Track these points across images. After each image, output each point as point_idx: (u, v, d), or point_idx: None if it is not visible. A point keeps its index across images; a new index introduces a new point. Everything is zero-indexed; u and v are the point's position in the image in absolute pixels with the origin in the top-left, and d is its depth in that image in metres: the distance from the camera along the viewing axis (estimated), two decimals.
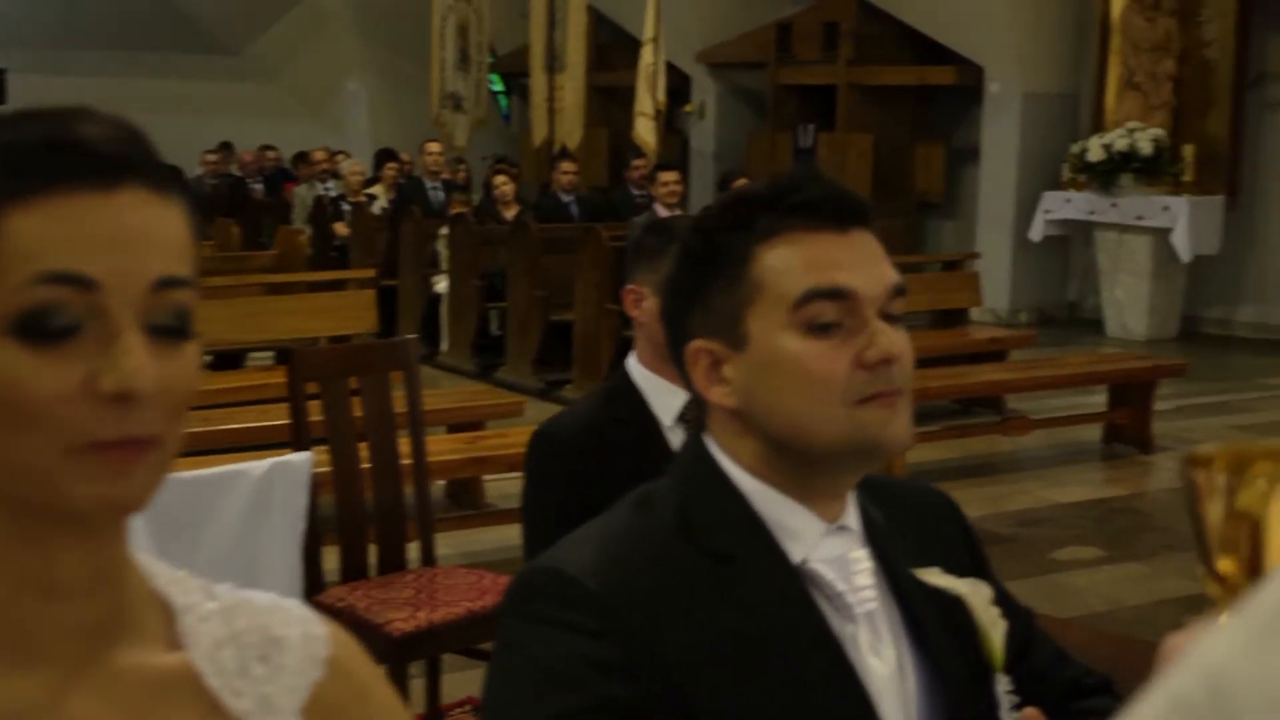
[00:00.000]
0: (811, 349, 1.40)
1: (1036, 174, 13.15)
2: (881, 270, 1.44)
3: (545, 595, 1.37)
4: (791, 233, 1.43)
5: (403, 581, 3.99)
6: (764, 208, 1.44)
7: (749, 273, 1.43)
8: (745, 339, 1.43)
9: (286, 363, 3.94)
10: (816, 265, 1.41)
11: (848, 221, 1.44)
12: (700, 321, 1.46)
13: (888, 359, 1.40)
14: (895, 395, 1.42)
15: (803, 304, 1.40)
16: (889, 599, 1.49)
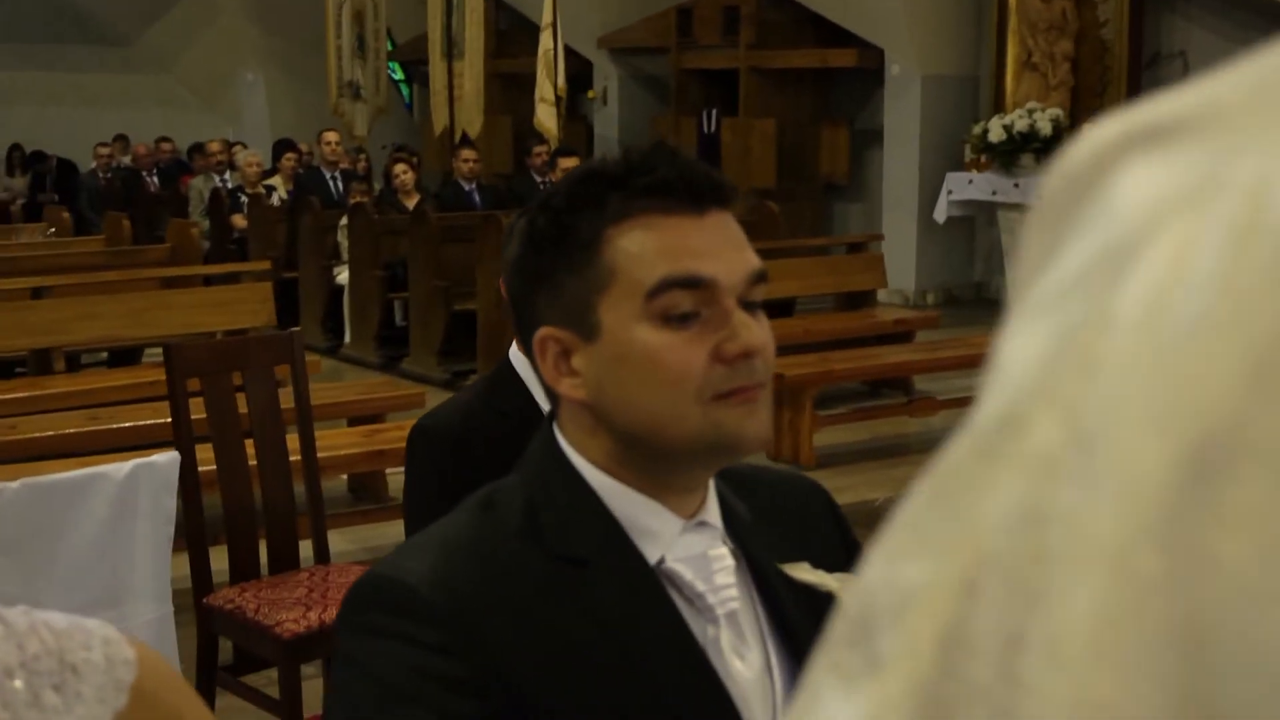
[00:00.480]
0: (667, 341, 1.32)
1: (939, 155, 13.20)
2: (741, 256, 1.36)
3: (381, 607, 1.27)
4: (645, 215, 1.34)
5: (295, 580, 3.88)
6: (615, 187, 1.35)
7: (600, 257, 1.34)
8: (597, 329, 1.35)
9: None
10: (672, 252, 1.33)
11: (705, 203, 1.35)
12: (548, 308, 1.38)
13: (748, 352, 1.32)
14: (755, 390, 1.34)
15: (658, 293, 1.32)
16: (754, 598, 1.42)
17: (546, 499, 1.36)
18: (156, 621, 2.77)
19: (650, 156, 1.36)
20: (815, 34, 14.46)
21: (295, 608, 3.66)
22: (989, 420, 0.44)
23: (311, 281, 11.17)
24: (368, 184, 12.79)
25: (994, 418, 0.43)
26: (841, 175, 14.97)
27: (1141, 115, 0.46)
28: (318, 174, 12.43)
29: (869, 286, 9.97)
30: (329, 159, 12.40)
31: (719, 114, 15.12)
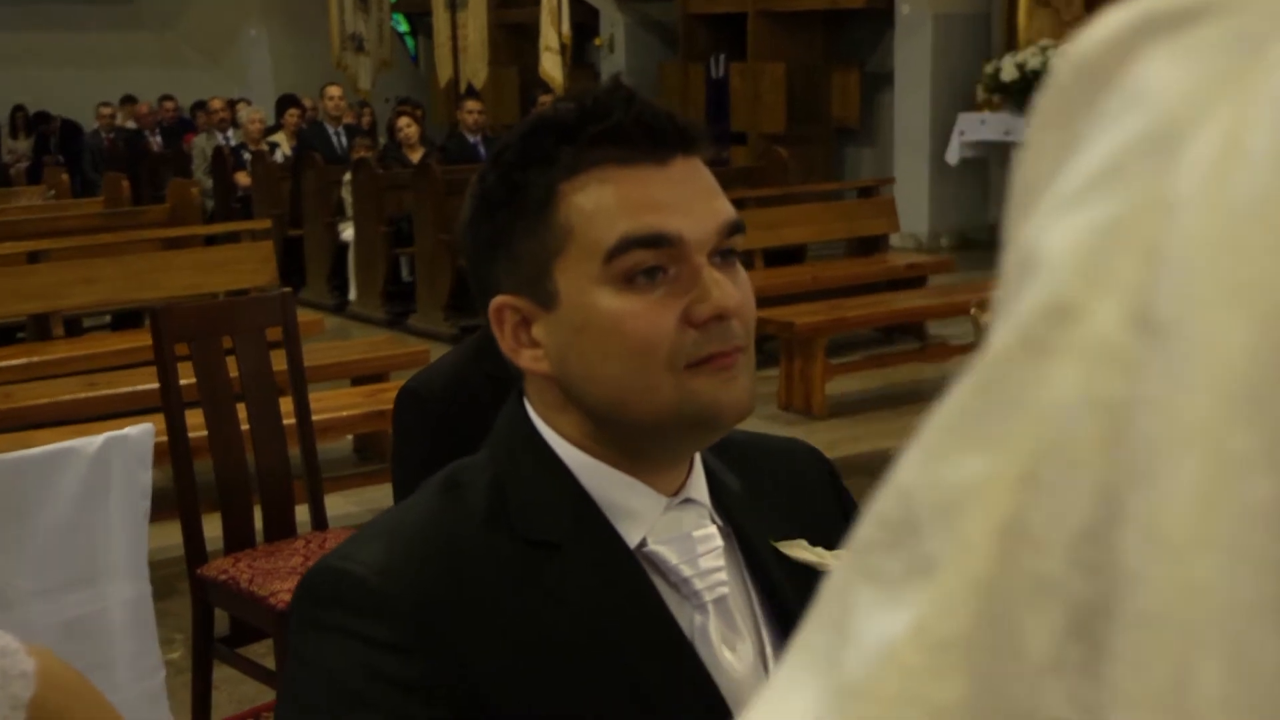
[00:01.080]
0: (630, 306, 1.18)
1: (951, 96, 13.00)
2: (711, 206, 1.22)
3: (332, 601, 1.15)
4: (601, 167, 1.20)
5: (291, 549, 3.78)
6: (567, 138, 1.20)
7: (554, 217, 1.20)
8: (555, 296, 1.21)
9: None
10: (632, 206, 1.18)
11: (668, 150, 1.21)
12: (505, 274, 1.24)
13: (721, 314, 1.19)
14: (733, 355, 1.20)
15: (618, 253, 1.18)
16: (746, 580, 1.29)
17: (515, 478, 1.23)
18: (134, 600, 2.67)
19: (605, 100, 1.21)
20: None
21: (290, 577, 3.55)
22: (1033, 312, 0.43)
23: (316, 239, 11.06)
24: (372, 138, 12.65)
25: (1039, 309, 0.43)
26: (852, 119, 14.78)
27: (1153, 2, 0.46)
28: (321, 129, 12.29)
29: (881, 231, 9.82)
30: (332, 114, 12.26)
31: (727, 59, 14.93)
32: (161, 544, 4.63)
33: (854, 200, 10.42)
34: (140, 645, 2.69)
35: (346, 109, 12.66)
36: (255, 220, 9.93)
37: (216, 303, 4.57)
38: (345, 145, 12.00)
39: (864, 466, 6.36)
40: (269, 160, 11.95)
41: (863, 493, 1.49)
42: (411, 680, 1.11)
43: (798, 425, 7.10)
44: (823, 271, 9.19)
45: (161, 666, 2.81)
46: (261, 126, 12.83)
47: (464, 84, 13.44)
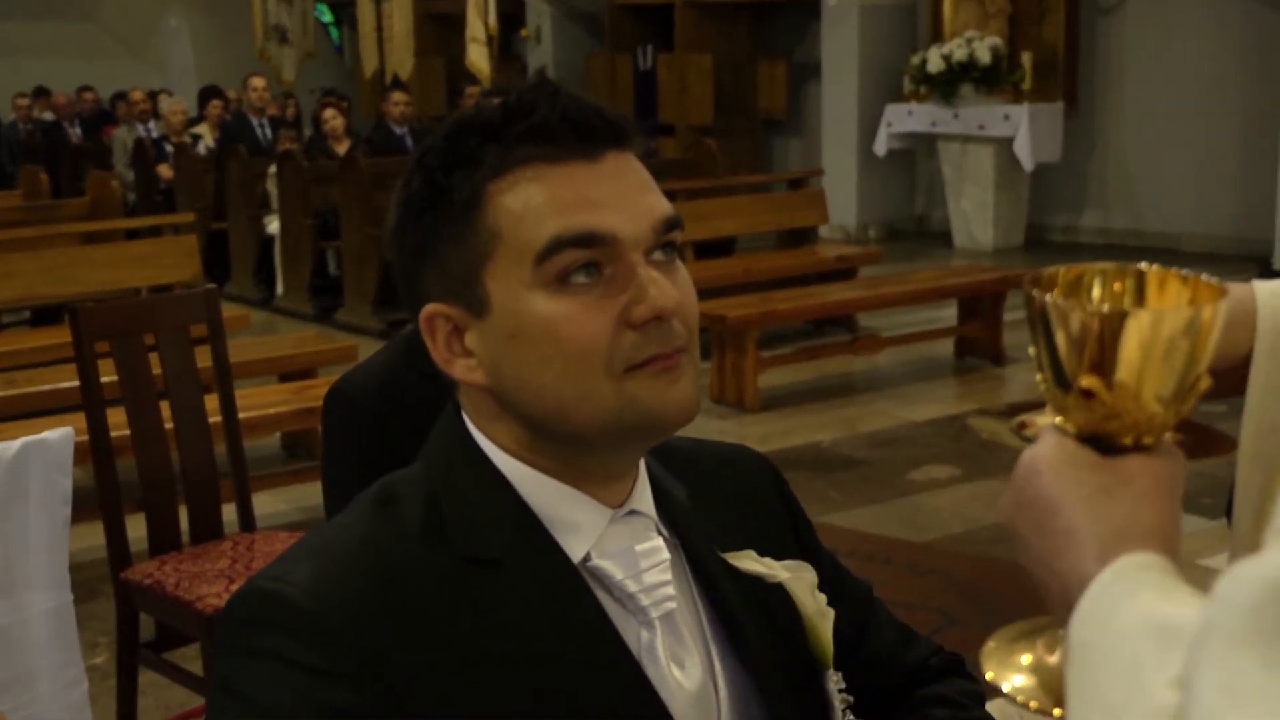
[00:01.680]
0: (564, 310, 1.12)
1: (878, 87, 13.04)
2: (646, 203, 1.16)
3: (262, 624, 1.09)
4: (528, 166, 1.14)
5: (218, 551, 3.69)
6: (491, 137, 1.15)
7: (482, 220, 1.14)
8: (486, 302, 1.15)
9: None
10: (562, 205, 1.13)
11: (598, 145, 1.15)
12: (434, 281, 1.18)
13: (659, 314, 1.13)
14: (674, 356, 1.15)
15: (549, 255, 1.12)
16: (694, 594, 1.25)
17: (452, 492, 1.18)
18: (54, 610, 2.58)
19: (529, 97, 1.15)
20: None
21: (217, 580, 3.47)
22: None
23: (241, 232, 10.91)
24: (296, 130, 12.49)
25: None
26: (780, 110, 14.80)
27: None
28: (245, 121, 12.12)
29: (810, 223, 9.82)
30: (256, 105, 12.09)
31: (655, 50, 14.89)
32: (84, 545, 4.53)
33: (784, 192, 10.42)
34: (62, 656, 2.61)
35: (270, 100, 12.49)
36: (178, 214, 9.77)
37: (138, 300, 4.46)
38: (269, 137, 11.84)
39: (796, 459, 6.35)
40: (192, 152, 11.77)
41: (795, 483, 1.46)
42: (345, 706, 1.05)
43: (730, 418, 7.08)
44: (753, 264, 9.18)
45: (84, 678, 2.73)
46: (184, 118, 12.63)
47: (389, 75, 13.31)
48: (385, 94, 11.89)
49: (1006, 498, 0.94)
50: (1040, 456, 0.92)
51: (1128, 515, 0.87)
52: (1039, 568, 0.90)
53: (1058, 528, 0.89)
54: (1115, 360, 0.89)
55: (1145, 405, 0.90)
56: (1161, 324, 0.88)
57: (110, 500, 3.61)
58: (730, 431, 6.79)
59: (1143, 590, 0.81)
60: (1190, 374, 0.91)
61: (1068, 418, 0.93)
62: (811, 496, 5.72)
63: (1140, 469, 0.90)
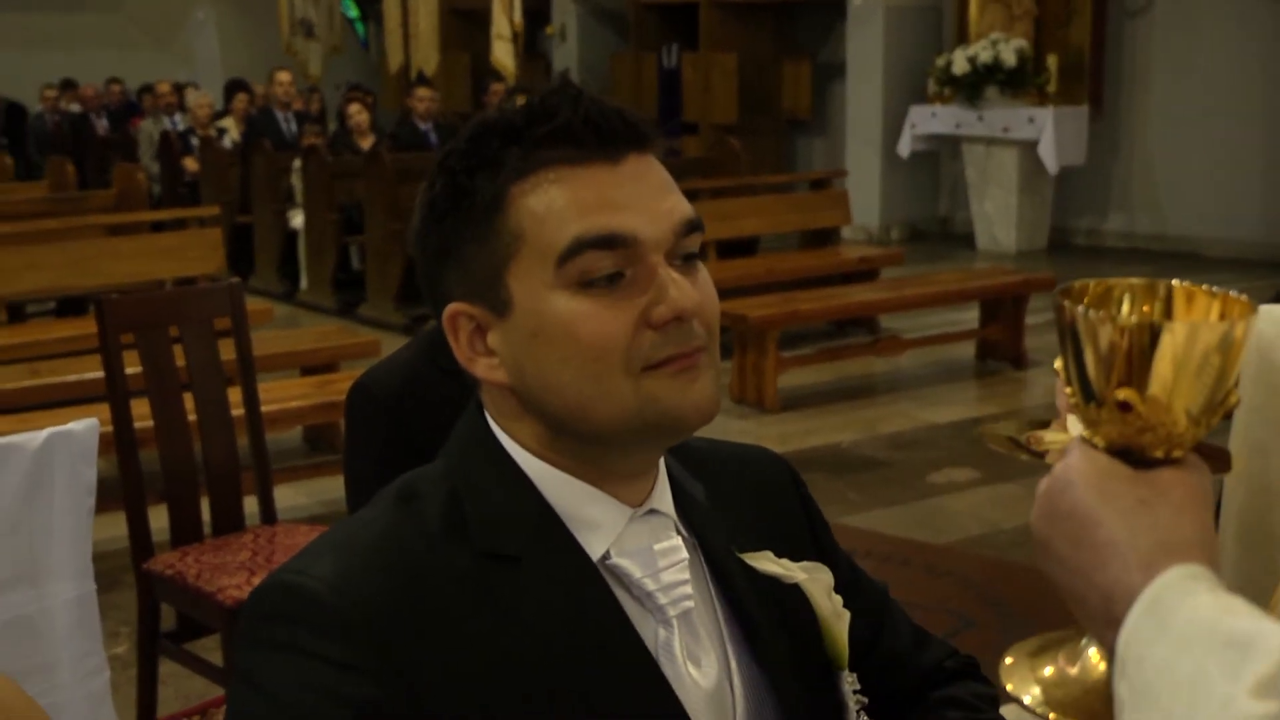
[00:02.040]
0: (585, 310, 1.14)
1: (903, 88, 13.03)
2: (667, 205, 1.17)
3: (282, 617, 1.10)
4: (550, 168, 1.15)
5: (239, 543, 3.72)
6: (514, 139, 1.16)
7: (504, 221, 1.16)
8: (508, 303, 1.17)
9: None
10: (584, 207, 1.14)
11: (619, 148, 1.17)
12: (457, 281, 1.20)
13: (679, 315, 1.15)
14: (694, 356, 1.16)
15: (571, 256, 1.13)
16: (712, 593, 1.26)
17: (473, 489, 1.19)
18: (77, 600, 2.60)
19: (551, 100, 1.17)
20: None
21: (238, 572, 3.50)
22: None
23: (266, 226, 10.95)
24: (321, 124, 12.53)
25: None
26: (804, 110, 14.79)
27: None
28: (270, 115, 12.16)
29: (833, 223, 9.82)
30: (282, 100, 12.13)
31: (679, 49, 14.89)
32: (107, 535, 4.56)
33: (807, 192, 10.42)
34: (84, 646, 2.63)
35: (296, 95, 12.54)
36: (203, 207, 9.81)
37: (163, 293, 4.49)
38: (295, 131, 11.88)
39: (816, 460, 6.36)
40: (217, 146, 11.81)
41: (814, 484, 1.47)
42: (365, 700, 1.06)
43: (750, 418, 7.09)
44: (776, 264, 9.19)
45: (105, 667, 2.75)
46: (210, 111, 12.69)
47: (415, 71, 13.34)
48: (410, 89, 11.92)
49: (1038, 510, 0.94)
50: (1074, 468, 0.93)
51: (1169, 527, 0.87)
52: (1076, 580, 0.90)
53: (1098, 540, 0.89)
54: (1149, 373, 0.89)
55: (1178, 418, 0.91)
56: (1196, 337, 0.89)
57: (133, 491, 3.63)
58: (750, 431, 6.80)
59: (1196, 601, 0.81)
60: (1221, 388, 0.91)
61: (1097, 431, 0.93)
62: (831, 497, 5.72)
63: (1175, 481, 0.91)
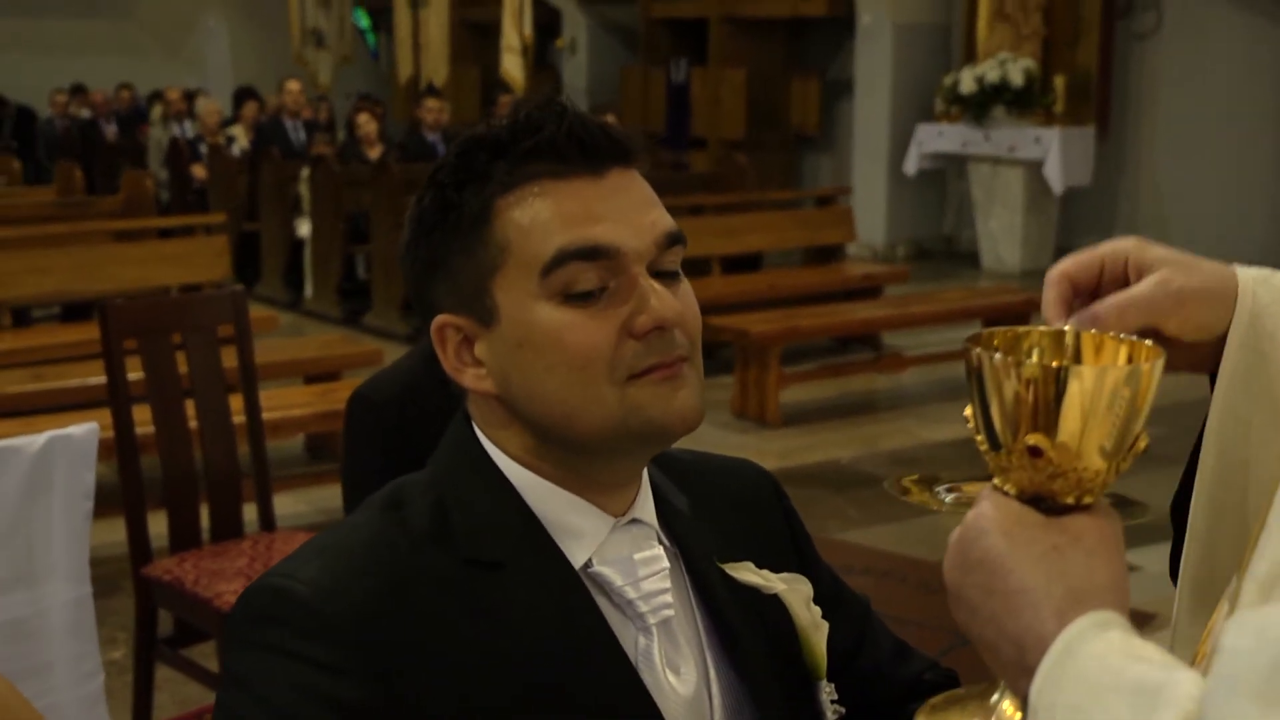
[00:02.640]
0: (569, 320, 1.17)
1: (911, 106, 13.05)
2: (649, 218, 1.20)
3: (270, 620, 1.13)
4: (535, 181, 1.19)
5: (238, 550, 3.74)
6: (500, 154, 1.19)
7: (491, 233, 1.19)
8: (494, 313, 1.20)
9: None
10: (568, 220, 1.17)
11: (603, 162, 1.20)
12: (445, 293, 1.23)
13: (661, 325, 1.17)
14: (675, 365, 1.18)
15: (555, 267, 1.16)
16: (692, 602, 1.28)
17: (459, 497, 1.21)
18: (74, 602, 2.62)
19: (537, 115, 1.20)
20: None
21: (235, 578, 3.52)
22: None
23: (273, 234, 10.98)
24: (330, 134, 12.58)
25: None
26: (812, 126, 14.81)
27: None
28: (279, 123, 12.20)
29: (838, 240, 9.84)
30: (291, 108, 12.17)
31: (689, 64, 14.92)
32: (106, 541, 4.58)
33: (812, 209, 10.44)
34: (80, 648, 2.65)
35: (305, 104, 12.58)
36: (210, 214, 9.84)
37: (167, 299, 4.52)
38: (303, 140, 11.92)
39: (816, 475, 6.37)
40: (226, 153, 11.85)
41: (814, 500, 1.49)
42: (350, 701, 1.09)
43: (751, 433, 7.10)
44: (779, 280, 9.21)
45: (101, 670, 2.77)
46: (219, 119, 12.73)
47: (424, 82, 13.38)
48: (419, 100, 11.96)
49: (950, 560, 0.93)
50: (985, 516, 0.92)
51: (1081, 574, 0.87)
52: (989, 629, 0.89)
53: (1010, 588, 0.88)
54: (1057, 419, 0.89)
55: (1088, 463, 0.91)
56: (1103, 381, 0.89)
57: (133, 496, 3.66)
58: (751, 446, 6.82)
59: (1107, 649, 0.81)
60: (1130, 432, 0.91)
61: (1008, 478, 0.93)
62: (829, 513, 5.74)
63: (1087, 527, 0.90)
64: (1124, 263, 1.01)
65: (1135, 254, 1.00)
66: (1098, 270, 1.00)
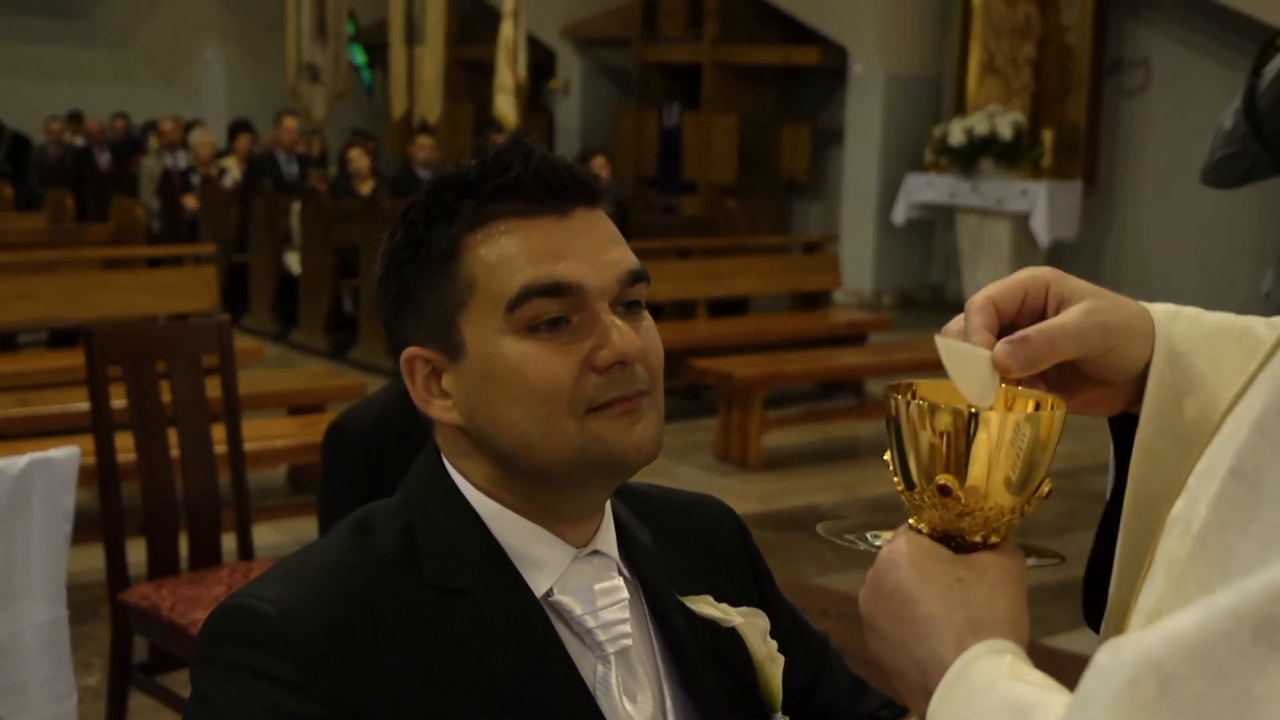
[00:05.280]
0: (532, 353, 1.21)
1: (900, 156, 13.15)
2: (612, 256, 1.25)
3: (237, 639, 1.16)
4: (502, 220, 1.23)
5: (215, 578, 3.75)
6: (468, 193, 1.24)
7: (458, 269, 1.23)
8: (461, 347, 1.24)
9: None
10: (533, 257, 1.22)
11: (568, 201, 1.24)
12: (413, 327, 1.27)
13: (622, 359, 1.21)
14: (635, 399, 1.23)
15: (519, 304, 1.21)
16: (650, 633, 1.31)
17: (426, 524, 1.25)
18: (49, 623, 2.65)
19: (504, 156, 1.24)
20: (780, 31, 14.39)
21: (212, 606, 3.52)
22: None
23: (262, 266, 11.01)
24: (322, 168, 12.63)
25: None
26: (802, 173, 14.91)
27: None
28: (272, 157, 12.26)
29: (824, 287, 9.90)
30: (285, 143, 12.24)
31: (681, 108, 15.02)
32: (84, 567, 4.59)
33: (800, 255, 10.50)
34: (54, 669, 2.67)
35: (299, 138, 12.65)
36: (200, 244, 9.87)
37: (152, 326, 4.55)
38: (295, 174, 11.97)
39: (795, 519, 6.39)
40: (218, 185, 11.89)
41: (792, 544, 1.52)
42: (313, 719, 1.12)
43: (732, 476, 7.13)
44: (765, 324, 9.25)
45: (74, 692, 2.79)
46: (212, 150, 12.78)
47: (418, 119, 13.45)
48: (412, 137, 12.03)
49: (865, 591, 1.00)
50: (898, 550, 0.99)
51: (982, 605, 0.93)
52: (897, 655, 0.95)
53: (917, 616, 0.94)
54: (966, 461, 0.96)
55: (994, 504, 0.97)
56: (1007, 427, 0.95)
57: (113, 523, 3.67)
58: (731, 489, 6.84)
59: (998, 674, 0.87)
60: (1035, 476, 0.98)
61: (921, 517, 1.00)
62: (808, 557, 5.76)
63: (991, 563, 0.97)
64: (1044, 292, 1.03)
65: (1056, 284, 1.03)
66: (1020, 298, 1.03)
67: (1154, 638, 0.68)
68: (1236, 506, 0.78)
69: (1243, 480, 0.78)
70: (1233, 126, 3.94)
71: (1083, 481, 5.79)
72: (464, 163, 1.26)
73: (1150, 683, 0.67)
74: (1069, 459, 5.90)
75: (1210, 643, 0.64)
